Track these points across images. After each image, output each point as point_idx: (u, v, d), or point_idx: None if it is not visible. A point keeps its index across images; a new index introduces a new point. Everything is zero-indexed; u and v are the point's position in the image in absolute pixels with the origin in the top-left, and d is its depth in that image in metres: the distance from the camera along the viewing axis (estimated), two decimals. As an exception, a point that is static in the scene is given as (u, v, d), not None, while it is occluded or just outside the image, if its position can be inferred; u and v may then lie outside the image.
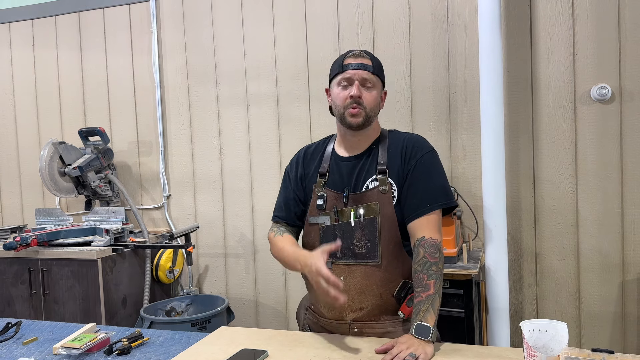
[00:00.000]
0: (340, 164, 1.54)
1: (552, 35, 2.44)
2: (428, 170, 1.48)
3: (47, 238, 2.68)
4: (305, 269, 1.37)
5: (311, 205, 1.54)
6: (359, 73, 1.47)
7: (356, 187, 1.50)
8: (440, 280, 1.39)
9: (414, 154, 1.49)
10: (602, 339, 2.43)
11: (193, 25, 3.05)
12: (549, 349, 1.14)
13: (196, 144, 3.08)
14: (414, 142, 1.53)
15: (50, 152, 2.87)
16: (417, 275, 1.39)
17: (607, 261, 2.41)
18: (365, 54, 1.51)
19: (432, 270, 1.38)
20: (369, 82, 1.48)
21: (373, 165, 1.51)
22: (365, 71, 1.48)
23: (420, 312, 1.33)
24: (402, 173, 1.48)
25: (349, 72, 1.48)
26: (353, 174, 1.51)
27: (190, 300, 2.88)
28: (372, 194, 1.47)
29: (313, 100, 2.83)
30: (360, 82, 1.47)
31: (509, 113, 2.49)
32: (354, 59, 1.49)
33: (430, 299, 1.34)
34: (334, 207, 1.49)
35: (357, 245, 1.46)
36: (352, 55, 1.50)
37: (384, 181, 1.47)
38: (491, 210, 2.30)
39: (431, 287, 1.36)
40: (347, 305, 1.47)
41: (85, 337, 1.45)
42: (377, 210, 1.45)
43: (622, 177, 2.38)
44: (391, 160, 1.50)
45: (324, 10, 2.78)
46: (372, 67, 1.49)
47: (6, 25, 3.45)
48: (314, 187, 1.54)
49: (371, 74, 1.49)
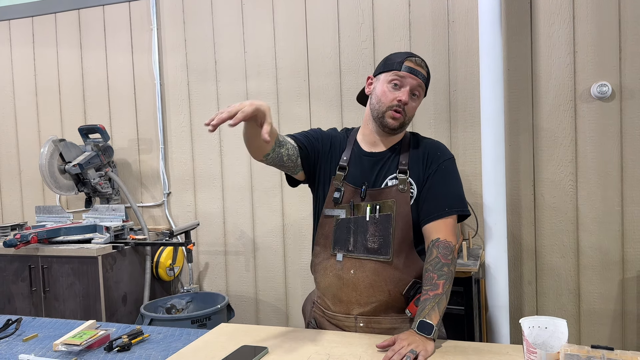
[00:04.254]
0: (363, 158, 1.55)
1: (552, 33, 2.44)
2: (448, 176, 1.51)
3: (47, 235, 2.68)
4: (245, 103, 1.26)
5: (328, 197, 1.54)
6: (414, 80, 1.48)
7: (375, 183, 1.51)
8: (450, 282, 1.39)
9: (436, 158, 1.52)
10: (602, 336, 2.44)
11: (193, 23, 3.05)
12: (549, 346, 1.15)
13: (196, 142, 3.08)
14: (436, 147, 1.56)
15: (50, 149, 2.87)
16: (427, 274, 1.40)
17: (607, 259, 2.41)
18: (424, 64, 1.52)
19: (443, 271, 1.39)
20: (417, 91, 1.50)
21: (394, 164, 1.52)
22: (420, 80, 1.49)
23: (425, 309, 1.33)
24: (422, 175, 1.50)
25: (406, 75, 1.47)
26: (374, 170, 1.52)
27: (191, 297, 2.89)
28: (390, 192, 1.48)
29: (313, 98, 2.83)
30: (412, 89, 1.48)
31: (509, 111, 2.49)
32: (416, 65, 1.48)
33: (437, 298, 1.35)
34: (351, 201, 1.50)
35: (370, 240, 1.47)
36: (415, 61, 1.49)
37: (403, 181, 1.48)
38: (491, 207, 2.30)
39: (440, 287, 1.36)
40: (354, 300, 1.48)
41: (86, 334, 1.46)
42: (393, 207, 1.47)
43: (622, 175, 2.38)
44: (412, 162, 1.52)
45: (324, 8, 2.78)
46: (426, 79, 1.51)
47: (6, 22, 3.44)
48: (332, 180, 1.54)
49: (423, 85, 1.51)
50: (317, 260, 1.58)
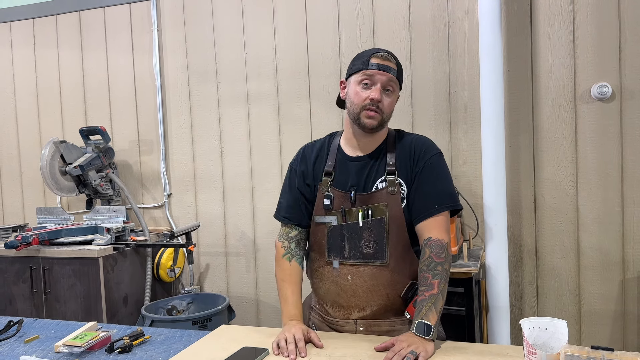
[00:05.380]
0: (348, 163, 1.52)
1: (552, 34, 2.44)
2: (436, 173, 1.48)
3: (48, 237, 2.68)
4: (284, 328, 1.42)
5: (317, 204, 1.52)
6: (383, 76, 1.44)
7: (365, 187, 1.49)
8: (445, 280, 1.38)
9: (422, 155, 1.48)
10: (603, 337, 2.44)
11: (194, 24, 3.05)
12: (549, 347, 1.15)
13: (197, 143, 3.09)
14: (422, 144, 1.51)
15: (51, 151, 2.88)
16: (422, 274, 1.39)
17: (607, 259, 2.41)
18: (391, 56, 1.47)
19: (437, 270, 1.37)
20: (390, 87, 1.46)
21: (382, 166, 1.49)
22: (390, 75, 1.44)
23: (422, 310, 1.33)
24: (410, 174, 1.48)
25: (374, 72, 1.43)
26: (362, 175, 1.50)
27: (191, 298, 2.89)
28: (381, 195, 1.46)
29: (314, 99, 2.83)
30: (382, 85, 1.44)
31: (509, 111, 2.49)
32: (381, 60, 1.44)
33: (433, 298, 1.34)
34: (342, 207, 1.48)
35: (365, 245, 1.46)
36: (380, 56, 1.45)
37: (392, 182, 1.46)
38: (491, 208, 2.31)
39: (435, 286, 1.35)
40: (353, 305, 1.48)
41: (87, 335, 1.46)
42: (385, 211, 1.45)
43: (622, 176, 2.38)
44: (400, 161, 1.49)
45: (325, 9, 2.79)
46: (396, 72, 1.46)
47: (7, 24, 3.45)
48: (319, 186, 1.52)
49: (394, 79, 1.46)
50: (314, 267, 1.57)
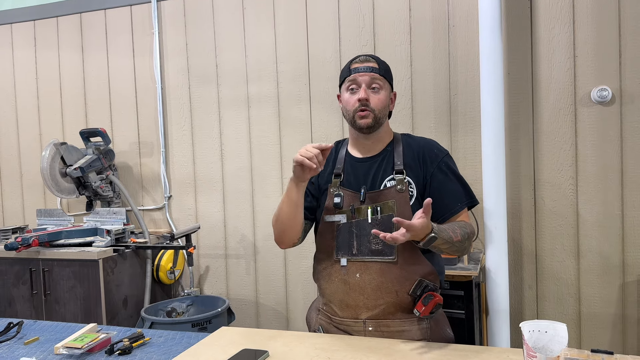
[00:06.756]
0: (356, 164, 1.57)
1: (552, 37, 2.44)
2: (452, 172, 1.55)
3: (48, 238, 2.68)
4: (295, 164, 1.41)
5: (326, 205, 1.56)
6: (365, 76, 1.51)
7: (373, 186, 1.53)
8: (468, 239, 1.45)
9: (434, 157, 1.54)
10: (602, 340, 2.43)
11: (194, 27, 3.06)
12: (549, 350, 1.15)
13: (197, 145, 3.09)
14: (431, 145, 1.59)
15: (51, 152, 2.88)
16: (451, 225, 1.45)
17: (607, 263, 2.41)
18: (372, 57, 1.55)
19: (465, 230, 1.45)
20: (376, 84, 1.52)
21: (389, 166, 1.54)
22: (372, 73, 1.51)
23: (442, 227, 1.39)
24: (421, 175, 1.52)
25: (356, 76, 1.51)
26: (369, 174, 1.54)
27: (191, 301, 2.89)
28: (390, 193, 1.50)
29: (314, 102, 2.84)
30: (367, 85, 1.51)
31: (509, 115, 2.50)
32: (361, 63, 1.53)
33: (452, 230, 1.40)
34: (351, 205, 1.51)
35: (374, 242, 1.48)
36: (359, 60, 1.54)
37: (401, 181, 1.50)
38: (491, 211, 2.31)
39: (458, 235, 1.42)
40: (362, 303, 1.49)
41: (87, 337, 1.46)
42: (394, 208, 1.48)
43: (622, 179, 2.38)
44: (408, 161, 1.53)
45: (325, 12, 2.79)
46: (379, 70, 1.53)
47: (8, 26, 3.46)
48: (329, 187, 1.56)
49: (378, 76, 1.52)
50: (321, 267, 1.58)
